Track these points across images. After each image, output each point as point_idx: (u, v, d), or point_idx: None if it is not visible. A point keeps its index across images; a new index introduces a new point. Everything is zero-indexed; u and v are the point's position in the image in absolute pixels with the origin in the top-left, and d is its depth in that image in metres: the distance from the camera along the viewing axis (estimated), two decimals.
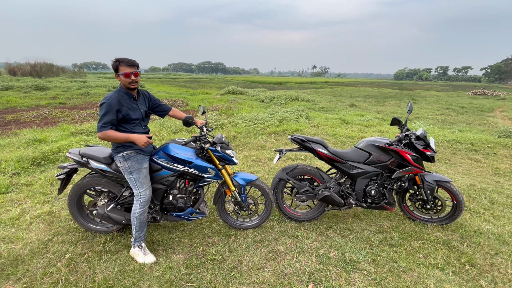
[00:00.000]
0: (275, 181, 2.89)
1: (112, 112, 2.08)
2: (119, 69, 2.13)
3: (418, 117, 11.67)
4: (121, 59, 2.14)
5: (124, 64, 2.12)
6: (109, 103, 2.08)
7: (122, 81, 2.15)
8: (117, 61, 2.12)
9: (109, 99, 2.10)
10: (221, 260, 2.32)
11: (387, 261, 2.33)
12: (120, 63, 2.12)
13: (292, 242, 2.59)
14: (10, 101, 11.92)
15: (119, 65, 2.12)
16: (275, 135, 6.86)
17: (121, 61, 2.13)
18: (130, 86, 2.18)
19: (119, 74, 2.13)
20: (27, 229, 2.67)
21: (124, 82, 2.15)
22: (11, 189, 3.48)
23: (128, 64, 2.13)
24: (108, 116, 2.08)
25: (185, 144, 2.41)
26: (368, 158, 2.76)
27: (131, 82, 2.15)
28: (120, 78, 2.14)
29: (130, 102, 2.21)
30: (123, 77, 2.12)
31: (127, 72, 2.12)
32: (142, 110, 2.34)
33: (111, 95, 2.13)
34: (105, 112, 2.07)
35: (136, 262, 2.24)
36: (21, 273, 2.10)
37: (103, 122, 2.07)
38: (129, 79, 2.13)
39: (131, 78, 2.13)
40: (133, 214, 2.27)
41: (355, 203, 2.79)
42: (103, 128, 2.07)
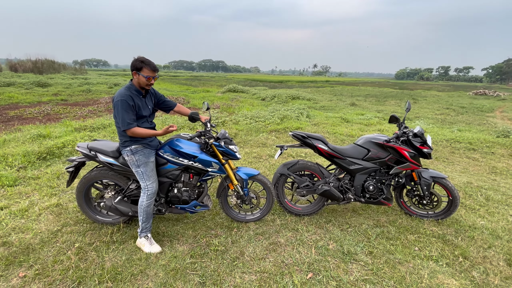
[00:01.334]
0: (276, 176, 2.98)
1: (131, 109, 2.18)
2: (142, 70, 2.18)
3: (418, 117, 11.74)
4: (147, 61, 2.19)
5: (149, 68, 2.19)
6: (126, 101, 2.16)
7: (141, 81, 2.22)
8: (142, 62, 2.18)
9: (124, 97, 2.17)
10: (224, 250, 2.41)
11: (383, 253, 2.42)
12: (146, 65, 2.18)
13: (292, 234, 2.68)
14: (12, 97, 11.99)
15: (144, 66, 2.17)
16: (276, 133, 6.94)
17: (148, 63, 2.18)
18: (146, 87, 2.27)
19: (140, 74, 2.19)
20: (37, 220, 2.76)
21: (142, 83, 2.23)
22: (18, 182, 3.57)
23: (153, 69, 2.21)
24: (130, 113, 2.17)
25: (190, 139, 2.50)
26: (366, 154, 2.84)
27: (148, 85, 2.25)
28: (139, 77, 2.21)
29: (139, 99, 2.29)
30: (144, 78, 2.19)
31: (149, 77, 2.20)
32: (149, 107, 2.42)
33: (124, 93, 2.19)
34: (126, 110, 2.15)
35: (142, 252, 2.33)
36: (32, 260, 2.19)
37: (128, 119, 2.15)
38: (148, 82, 2.22)
39: (150, 81, 2.23)
40: (140, 205, 2.36)
41: (354, 198, 2.88)
42: (131, 125, 2.17)
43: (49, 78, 22.42)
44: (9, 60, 32.30)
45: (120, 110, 2.15)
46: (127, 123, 2.16)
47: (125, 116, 2.16)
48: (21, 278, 2.01)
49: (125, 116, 2.16)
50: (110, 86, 18.66)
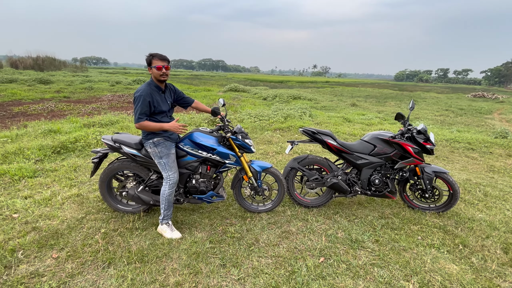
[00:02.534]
0: (287, 170, 3.15)
1: (145, 104, 2.32)
2: (152, 62, 2.35)
3: (418, 118, 11.94)
4: (154, 53, 2.37)
5: (157, 58, 2.35)
6: (143, 96, 2.31)
7: (154, 73, 2.37)
8: (150, 56, 2.36)
9: (143, 92, 2.33)
10: (240, 237, 2.57)
11: (389, 242, 2.59)
12: (153, 57, 2.35)
13: (302, 224, 2.84)
14: (15, 93, 12.08)
15: (152, 59, 2.35)
16: (280, 131, 7.11)
17: (154, 55, 2.36)
18: (161, 78, 2.40)
19: (152, 67, 2.36)
20: (60, 208, 2.91)
21: (156, 75, 2.38)
22: (38, 174, 3.72)
23: (160, 58, 2.37)
24: (143, 108, 2.31)
25: (211, 132, 2.65)
26: (373, 150, 3.01)
27: (162, 75, 2.37)
28: (152, 71, 2.37)
29: (159, 94, 2.45)
30: (155, 69, 2.35)
31: (159, 65, 2.34)
32: (168, 102, 2.58)
33: (144, 88, 2.35)
34: (140, 104, 2.30)
35: (164, 237, 2.49)
36: (62, 244, 2.35)
37: (139, 113, 2.31)
38: (160, 72, 2.36)
39: (162, 70, 2.36)
40: (162, 194, 2.52)
41: (360, 191, 3.05)
42: (140, 119, 2.31)
43: (50, 75, 22.51)
44: (9, 57, 32.24)
45: (136, 104, 2.31)
46: (138, 117, 2.32)
47: (138, 110, 2.30)
48: (55, 259, 2.16)
49: (138, 110, 2.31)
50: (112, 84, 18.77)
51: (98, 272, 2.06)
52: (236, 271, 2.14)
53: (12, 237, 2.38)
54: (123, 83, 19.62)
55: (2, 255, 2.16)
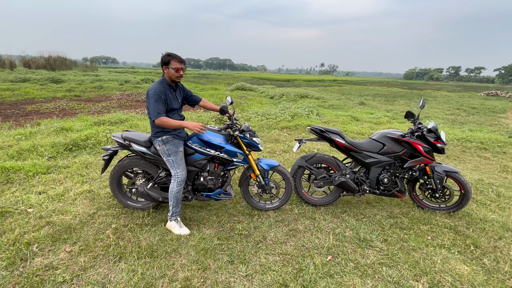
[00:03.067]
0: (294, 168, 3.14)
1: (162, 100, 2.37)
2: (170, 63, 2.39)
3: (428, 117, 11.72)
4: (173, 54, 2.41)
5: (176, 60, 2.40)
6: (158, 93, 2.35)
7: (171, 74, 2.41)
8: (169, 56, 2.39)
9: (157, 90, 2.37)
10: (247, 234, 2.59)
11: (397, 241, 2.56)
12: (172, 58, 2.39)
13: (310, 222, 2.84)
14: (28, 92, 12.42)
15: (171, 59, 2.39)
16: (287, 130, 7.09)
17: (174, 56, 2.40)
18: (176, 79, 2.46)
19: (169, 67, 2.39)
20: (73, 204, 2.99)
21: (172, 75, 2.42)
22: (51, 170, 3.82)
23: (179, 60, 2.42)
24: (160, 104, 2.36)
25: (220, 130, 2.67)
26: (382, 148, 2.98)
27: (178, 76, 2.43)
28: (169, 71, 2.41)
29: (171, 92, 2.48)
30: (173, 71, 2.39)
31: (178, 67, 2.39)
32: (179, 100, 2.62)
33: (157, 86, 2.39)
34: (157, 100, 2.34)
35: (173, 233, 2.53)
36: (75, 238, 2.41)
37: (157, 109, 2.34)
38: (177, 74, 2.41)
39: (179, 72, 2.41)
40: (170, 192, 2.55)
41: (369, 190, 3.02)
42: (160, 115, 2.35)
43: (61, 74, 23.01)
44: (22, 57, 33.08)
45: (152, 102, 2.34)
46: (157, 113, 2.35)
47: (156, 107, 2.34)
48: (68, 253, 2.22)
49: (155, 107, 2.34)
50: (121, 83, 19.06)
51: (110, 266, 2.11)
52: (244, 267, 2.16)
53: (27, 231, 2.46)
54: (131, 82, 19.90)
55: (18, 248, 2.23)
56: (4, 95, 11.61)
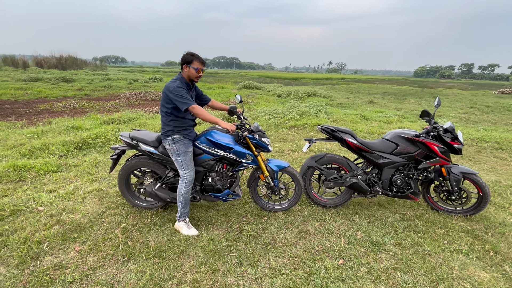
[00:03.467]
0: (304, 168, 3.08)
1: (188, 93, 2.38)
2: (193, 62, 2.38)
3: (441, 115, 11.41)
4: (196, 55, 2.40)
5: (199, 61, 2.39)
6: (182, 87, 2.34)
7: (191, 73, 2.40)
8: (192, 55, 2.38)
9: (180, 84, 2.35)
10: (256, 236, 2.55)
11: (412, 245, 2.47)
12: (196, 58, 2.38)
13: (320, 224, 2.78)
14: (40, 91, 12.68)
15: (194, 59, 2.38)
16: (295, 129, 7.01)
17: (196, 57, 2.40)
18: (195, 79, 2.45)
19: (190, 67, 2.37)
20: (82, 202, 3.00)
21: (192, 75, 2.41)
22: (61, 169, 3.87)
23: (201, 62, 2.41)
24: (187, 94, 2.34)
25: (229, 132, 2.62)
26: (395, 149, 2.88)
27: (197, 77, 2.43)
28: (189, 70, 2.39)
29: (188, 91, 2.46)
30: (194, 71, 2.38)
31: (200, 68, 2.38)
32: (193, 99, 2.59)
33: (178, 83, 2.37)
34: (184, 93, 2.32)
35: (181, 234, 2.50)
36: (85, 237, 2.42)
37: (187, 99, 2.31)
38: (198, 74, 2.41)
39: (200, 73, 2.41)
40: (179, 192, 2.53)
41: (381, 191, 2.93)
42: (192, 102, 2.33)
43: (72, 74, 23.43)
44: (35, 57, 33.83)
45: (179, 93, 2.31)
46: (188, 101, 2.31)
47: (184, 97, 2.31)
48: (78, 252, 2.23)
49: (184, 97, 2.31)
50: (130, 82, 19.28)
51: (118, 266, 2.10)
52: (253, 270, 2.12)
53: (38, 229, 2.48)
54: (140, 81, 20.11)
55: (29, 246, 2.25)
56: (18, 94, 11.90)
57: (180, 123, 2.49)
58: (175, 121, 2.47)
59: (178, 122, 2.48)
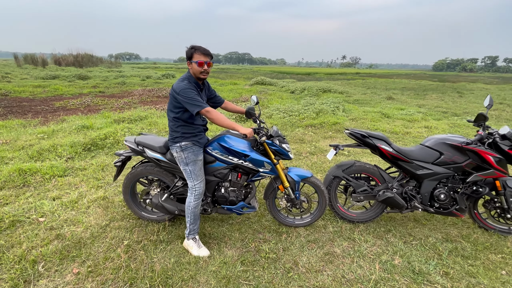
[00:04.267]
0: (329, 179, 2.70)
1: (198, 94, 2.07)
2: (193, 56, 2.05)
3: (467, 112, 10.59)
4: (197, 46, 2.07)
5: (199, 52, 2.05)
6: (191, 88, 2.03)
7: (194, 69, 2.08)
8: (192, 48, 2.06)
9: (188, 85, 2.04)
10: (275, 258, 2.22)
11: (462, 276, 2.07)
12: (195, 50, 2.05)
13: (348, 244, 2.41)
14: (57, 89, 12.85)
15: (194, 52, 2.05)
16: (312, 128, 6.60)
17: (197, 48, 2.06)
18: (201, 76, 2.10)
19: (192, 62, 2.06)
20: (86, 212, 2.78)
21: (196, 71, 2.08)
22: (67, 173, 3.68)
23: (204, 53, 2.06)
24: (198, 96, 2.04)
25: (246, 137, 2.28)
26: (438, 158, 2.45)
27: (202, 72, 2.08)
28: (192, 66, 2.07)
29: (197, 92, 2.14)
30: (196, 65, 2.05)
31: (201, 61, 2.04)
32: (204, 101, 2.27)
33: (187, 82, 2.06)
34: (194, 94, 2.02)
35: (190, 255, 2.21)
36: (84, 256, 2.17)
37: (198, 101, 2.02)
38: (201, 68, 2.06)
39: (203, 67, 2.06)
40: (187, 206, 2.24)
41: (422, 207, 2.52)
42: (204, 105, 2.03)
43: (88, 71, 23.84)
44: (53, 55, 34.74)
45: (188, 96, 2.00)
46: (200, 103, 2.01)
47: (195, 99, 2.01)
48: (75, 275, 1.98)
49: (195, 99, 2.01)
50: (143, 79, 19.34)
51: None
52: None
53: (35, 245, 2.26)
54: (153, 78, 20.15)
55: (23, 266, 2.03)
56: (36, 91, 12.10)
57: (190, 129, 2.19)
58: (184, 127, 2.17)
59: (187, 128, 2.18)
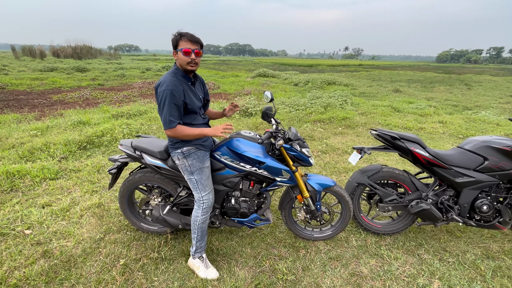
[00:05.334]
0: (353, 186, 2.38)
1: (177, 101, 1.69)
2: (179, 44, 1.70)
3: (479, 106, 10.19)
4: (183, 32, 1.71)
5: (185, 39, 1.69)
6: (171, 90, 1.66)
7: (180, 59, 1.72)
8: (178, 35, 1.70)
9: (169, 85, 1.68)
10: (295, 281, 1.92)
11: None
12: (181, 37, 1.69)
13: (376, 263, 2.11)
14: (55, 82, 12.47)
15: (180, 39, 1.70)
16: (321, 124, 6.24)
17: (183, 35, 1.70)
18: (188, 67, 1.74)
19: (178, 51, 1.71)
20: (78, 223, 2.48)
21: (182, 61, 1.72)
22: (60, 175, 3.38)
23: (191, 39, 1.70)
24: (174, 106, 1.69)
25: (262, 142, 1.94)
26: (481, 164, 2.12)
27: (189, 62, 1.72)
28: (178, 55, 1.72)
29: (188, 87, 1.80)
30: (181, 54, 1.69)
31: (187, 49, 1.68)
32: (200, 96, 1.93)
33: (169, 80, 1.70)
34: (168, 102, 1.67)
35: (197, 277, 1.92)
36: (74, 278, 1.88)
37: (170, 115, 1.68)
38: (188, 58, 1.70)
39: (190, 56, 1.70)
40: (194, 221, 1.93)
41: (462, 220, 2.20)
42: (172, 123, 1.70)
43: (87, 63, 23.32)
44: (52, 46, 34.08)
45: (164, 103, 1.68)
46: (169, 121, 1.69)
47: (168, 110, 1.68)
48: None
49: (167, 110, 1.68)
50: (142, 71, 18.87)
51: None
52: None
53: (18, 265, 1.97)
54: (153, 70, 19.67)
55: None
56: (33, 84, 11.73)
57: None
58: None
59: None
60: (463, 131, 5.98)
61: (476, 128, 6.28)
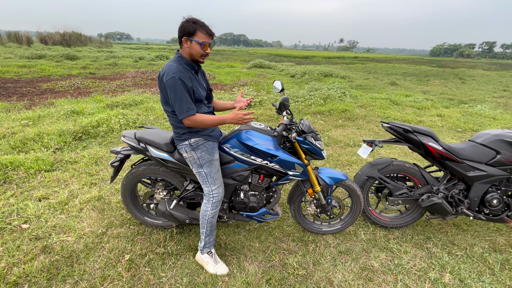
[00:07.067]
0: (362, 179, 2.34)
1: (187, 88, 1.60)
2: (196, 34, 1.58)
3: (474, 100, 10.31)
4: (201, 22, 1.59)
5: (204, 31, 1.59)
6: (180, 78, 1.56)
7: (194, 50, 1.61)
8: (195, 23, 1.57)
9: (177, 72, 1.57)
10: (306, 275, 1.89)
11: None
12: (200, 27, 1.58)
13: (386, 256, 2.09)
14: (44, 69, 11.99)
15: (198, 29, 1.57)
16: (321, 116, 6.19)
17: (202, 25, 1.59)
18: (200, 59, 1.67)
19: (193, 40, 1.59)
20: (78, 217, 2.38)
21: (196, 53, 1.62)
22: (56, 167, 3.24)
23: (209, 33, 1.61)
24: (187, 94, 1.59)
25: (277, 134, 1.86)
26: (493, 157, 2.10)
27: (203, 55, 1.65)
28: (192, 45, 1.60)
29: (193, 75, 1.70)
30: (197, 46, 1.59)
31: (206, 43, 1.60)
32: (204, 85, 1.84)
33: (175, 67, 1.59)
34: (182, 90, 1.57)
35: (206, 272, 1.87)
36: (77, 275, 1.80)
37: (187, 103, 1.59)
38: (203, 51, 1.62)
39: (206, 50, 1.63)
40: (203, 216, 1.86)
41: (473, 214, 2.20)
42: (191, 111, 1.61)
43: (77, 51, 22.48)
44: (39, 33, 32.69)
45: (176, 92, 1.57)
46: (187, 108, 1.60)
47: (184, 99, 1.59)
48: None
49: (183, 99, 1.58)
50: (135, 60, 18.34)
51: None
52: None
53: (17, 261, 1.87)
54: (146, 59, 19.14)
55: None
56: (21, 72, 11.25)
57: None
58: None
59: None
60: (462, 125, 6.03)
61: (473, 122, 6.33)
